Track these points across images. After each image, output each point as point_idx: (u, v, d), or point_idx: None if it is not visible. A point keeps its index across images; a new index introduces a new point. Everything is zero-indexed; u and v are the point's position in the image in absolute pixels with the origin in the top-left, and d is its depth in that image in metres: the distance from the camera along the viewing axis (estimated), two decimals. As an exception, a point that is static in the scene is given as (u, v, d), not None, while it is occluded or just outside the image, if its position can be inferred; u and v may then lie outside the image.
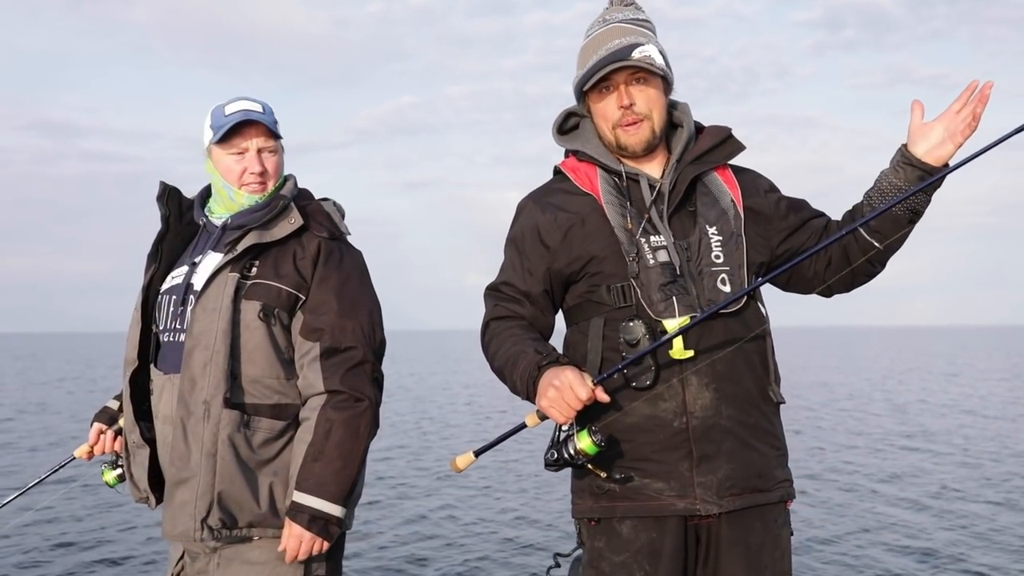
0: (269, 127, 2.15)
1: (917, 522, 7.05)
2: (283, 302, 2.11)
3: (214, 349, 2.04)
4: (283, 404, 2.12)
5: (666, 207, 1.98)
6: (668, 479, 1.91)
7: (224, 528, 2.05)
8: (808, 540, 6.42)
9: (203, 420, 2.03)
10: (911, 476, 9.20)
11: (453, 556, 6.19)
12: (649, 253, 1.93)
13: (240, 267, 2.10)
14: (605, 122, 2.01)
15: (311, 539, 2.06)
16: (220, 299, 2.06)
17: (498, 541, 6.58)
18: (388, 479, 9.21)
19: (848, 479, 9.03)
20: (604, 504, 1.96)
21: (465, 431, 13.69)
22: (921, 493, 8.26)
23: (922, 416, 15.28)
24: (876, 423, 14.27)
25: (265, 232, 2.13)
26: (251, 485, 2.07)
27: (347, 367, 2.11)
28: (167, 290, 2.19)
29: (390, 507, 7.80)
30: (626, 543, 1.94)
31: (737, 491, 1.93)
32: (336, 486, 2.07)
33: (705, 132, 2.08)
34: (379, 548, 6.40)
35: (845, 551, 6.15)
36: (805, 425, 13.74)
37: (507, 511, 7.65)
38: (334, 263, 2.17)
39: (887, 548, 6.26)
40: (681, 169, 2.01)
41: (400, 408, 17.11)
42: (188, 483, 2.04)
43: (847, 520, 7.07)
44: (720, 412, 1.91)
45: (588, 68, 1.97)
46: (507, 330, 2.01)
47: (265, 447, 2.09)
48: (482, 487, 8.79)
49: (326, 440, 2.06)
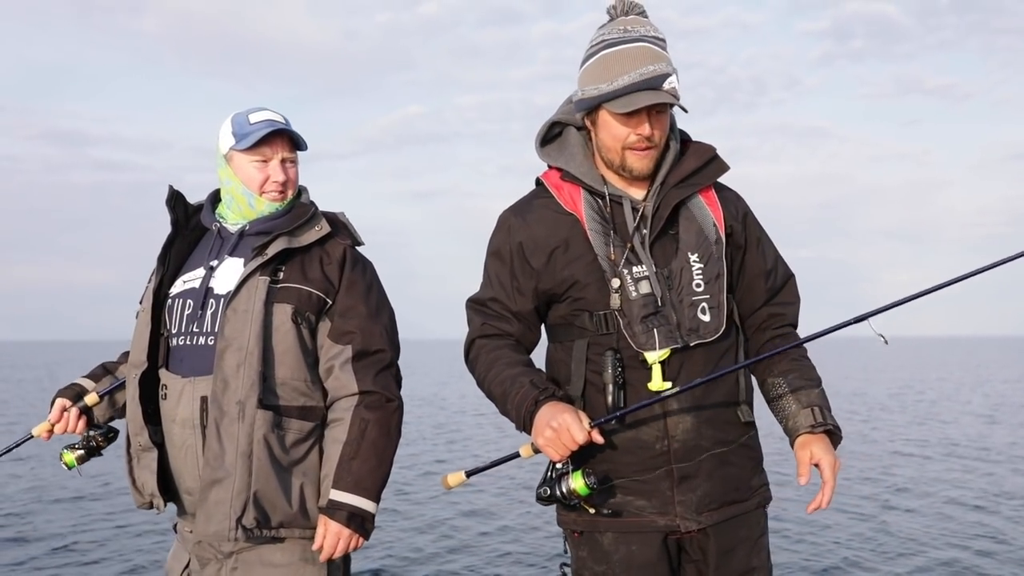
0: (294, 138, 2.21)
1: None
2: (312, 305, 2.16)
3: (248, 351, 2.07)
4: (309, 406, 2.16)
5: (649, 232, 1.97)
6: (650, 497, 1.96)
7: (258, 527, 2.07)
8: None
9: (238, 420, 2.05)
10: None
11: (455, 562, 6.22)
12: (631, 285, 1.94)
13: (269, 271, 2.14)
14: (615, 142, 1.96)
15: (349, 536, 2.09)
16: (252, 302, 2.10)
17: (500, 548, 6.60)
18: (399, 485, 9.21)
19: (954, 493, 8.94)
20: (587, 518, 1.98)
21: (473, 443, 13.64)
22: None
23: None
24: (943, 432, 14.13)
25: (294, 238, 2.18)
26: (284, 485, 2.09)
27: (378, 368, 2.17)
28: (180, 294, 2.20)
29: (394, 513, 7.82)
30: (607, 554, 1.99)
31: (715, 506, 1.98)
32: (372, 483, 2.12)
33: (690, 152, 2.05)
34: (384, 552, 6.41)
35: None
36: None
37: (510, 517, 7.65)
38: (359, 270, 2.23)
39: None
40: (665, 193, 2.00)
41: (417, 416, 17.12)
42: (223, 483, 2.05)
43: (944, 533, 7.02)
44: (701, 434, 1.96)
45: (617, 88, 1.90)
46: (496, 350, 2.03)
47: (296, 447, 2.13)
48: (482, 493, 8.79)
49: (362, 439, 2.11)
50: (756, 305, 2.10)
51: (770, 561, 2.08)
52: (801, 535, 6.86)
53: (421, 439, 13.76)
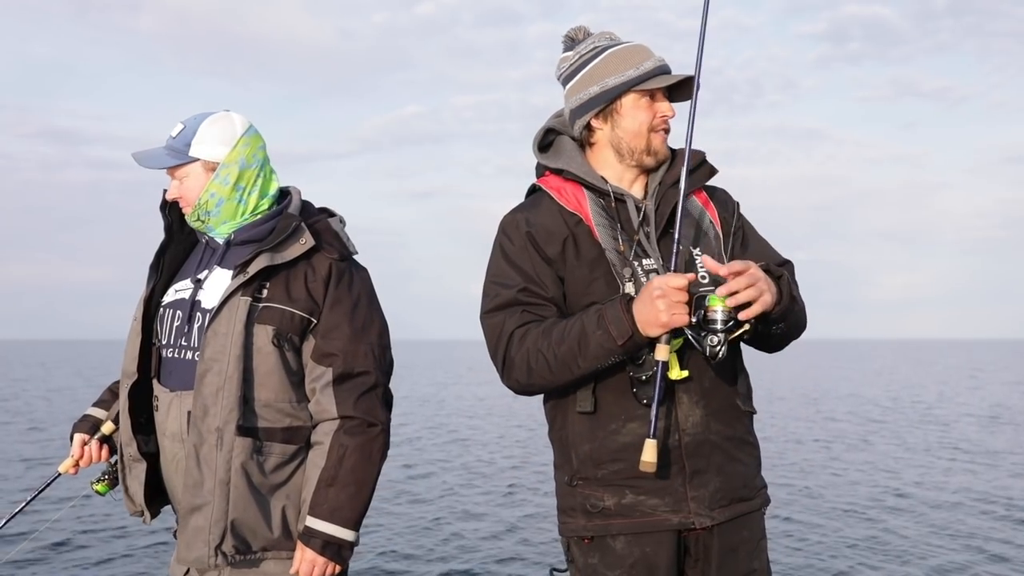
0: (158, 165, 2.17)
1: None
2: (295, 326, 2.11)
3: (227, 375, 2.03)
4: (295, 427, 2.11)
5: (653, 229, 2.00)
6: (663, 495, 1.95)
7: (238, 554, 2.06)
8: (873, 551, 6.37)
9: (216, 448, 2.02)
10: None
11: (447, 567, 6.19)
12: (643, 276, 1.94)
13: (252, 290, 2.09)
14: (641, 125, 2.03)
15: (324, 564, 2.06)
16: (232, 323, 2.05)
17: (493, 554, 6.56)
18: (400, 492, 9.20)
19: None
20: (598, 522, 1.97)
21: (473, 444, 13.63)
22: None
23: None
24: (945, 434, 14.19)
25: (276, 254, 2.11)
26: (264, 510, 2.07)
27: (360, 392, 2.11)
28: (170, 304, 2.17)
29: (392, 515, 7.77)
30: (620, 558, 1.96)
31: (726, 502, 1.99)
32: (350, 511, 2.08)
33: (679, 156, 2.08)
34: (384, 552, 6.39)
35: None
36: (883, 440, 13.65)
37: (501, 523, 7.62)
38: (345, 286, 2.16)
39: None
40: (664, 191, 2.04)
41: (418, 418, 17.11)
42: (202, 510, 2.04)
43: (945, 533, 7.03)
44: (709, 427, 1.97)
45: (647, 71, 2.01)
46: (543, 324, 1.92)
47: (277, 472, 2.09)
48: (477, 498, 8.78)
49: (340, 465, 2.07)
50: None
51: (769, 565, 2.08)
52: (804, 535, 6.86)
53: (418, 439, 13.76)
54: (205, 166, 2.14)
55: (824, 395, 23.78)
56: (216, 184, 2.13)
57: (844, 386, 27.77)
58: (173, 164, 2.15)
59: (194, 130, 2.15)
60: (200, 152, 2.14)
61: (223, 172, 2.14)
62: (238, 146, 2.15)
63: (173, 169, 2.16)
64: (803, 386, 27.49)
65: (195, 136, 2.14)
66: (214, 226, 2.18)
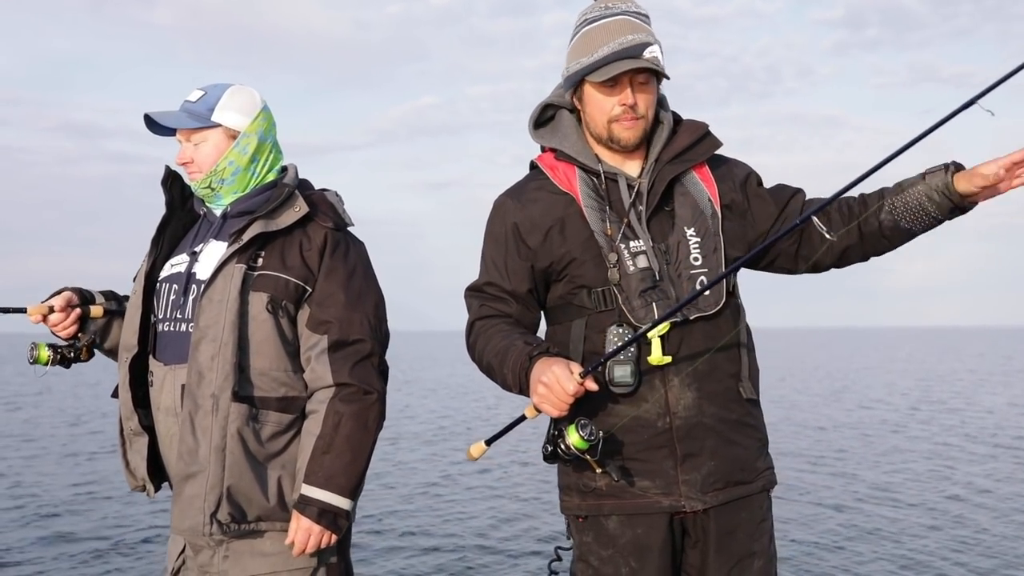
0: (177, 125, 2.14)
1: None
2: (290, 294, 2.10)
3: (222, 341, 2.02)
4: (290, 397, 2.10)
5: (645, 208, 1.98)
6: (653, 477, 1.95)
7: (233, 522, 2.04)
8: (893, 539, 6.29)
9: (211, 414, 2.01)
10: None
11: (455, 546, 6.21)
12: (629, 259, 1.94)
13: (246, 258, 2.08)
14: (601, 115, 1.98)
15: (320, 532, 2.05)
16: (227, 291, 2.04)
17: (500, 533, 6.58)
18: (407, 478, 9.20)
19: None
20: (591, 502, 1.99)
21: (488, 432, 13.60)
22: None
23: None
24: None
25: (270, 221, 2.11)
26: (260, 479, 2.05)
27: (355, 360, 2.10)
28: (166, 278, 2.17)
29: (401, 499, 7.80)
30: (613, 538, 1.97)
31: (720, 486, 1.97)
32: (345, 479, 2.06)
33: (683, 129, 2.06)
34: (387, 538, 6.39)
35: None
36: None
37: (508, 502, 7.63)
38: (340, 255, 2.15)
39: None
40: (660, 168, 2.00)
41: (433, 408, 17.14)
42: (197, 477, 2.02)
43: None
44: (703, 411, 1.95)
45: (597, 59, 1.94)
46: (493, 327, 2.01)
47: (273, 440, 2.08)
48: (484, 479, 8.80)
49: (335, 433, 2.05)
50: (787, 215, 2.05)
51: (773, 546, 2.05)
52: (807, 520, 6.77)
53: (428, 429, 13.78)
54: (226, 133, 2.15)
55: (852, 384, 23.59)
56: (235, 152, 2.14)
57: (874, 375, 27.51)
58: (195, 126, 2.14)
59: (217, 97, 2.15)
60: (223, 119, 2.14)
61: (243, 141, 2.15)
62: (258, 118, 2.17)
63: (189, 133, 2.15)
64: (829, 374, 27.27)
65: (218, 103, 2.15)
66: (223, 195, 2.17)
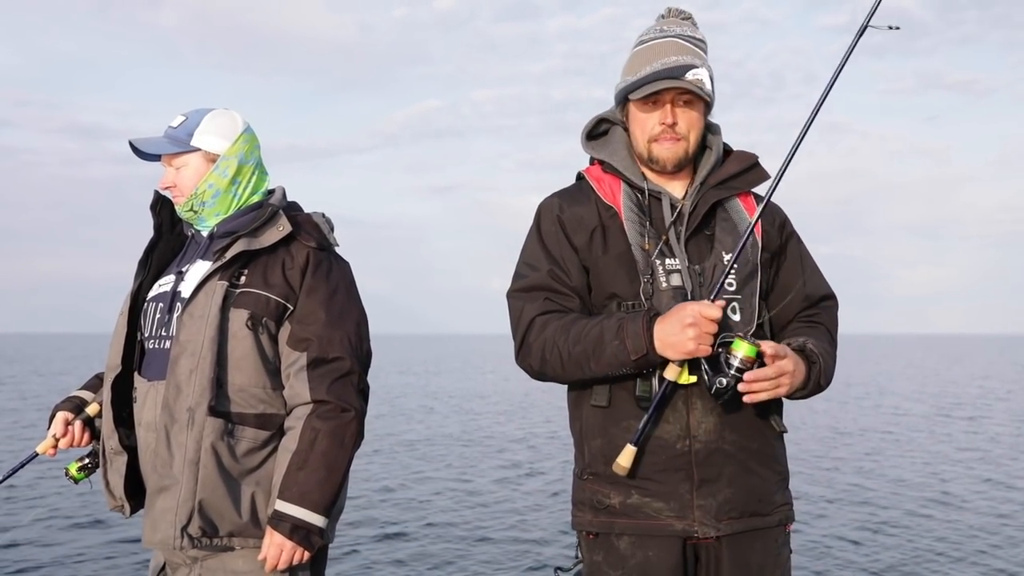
0: (158, 151, 2.19)
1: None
2: (271, 311, 2.12)
3: (200, 356, 2.04)
4: (268, 414, 2.12)
5: (684, 229, 1.98)
6: (668, 500, 1.92)
7: (204, 536, 2.04)
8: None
9: (187, 427, 2.02)
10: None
11: (452, 564, 6.20)
12: (663, 276, 1.93)
13: (229, 275, 2.11)
14: (642, 133, 2.01)
15: (292, 548, 2.05)
16: (208, 307, 2.07)
17: (498, 553, 6.52)
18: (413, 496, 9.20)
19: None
20: (603, 519, 1.97)
21: (497, 440, 13.55)
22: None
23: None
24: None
25: (254, 239, 2.14)
26: (233, 494, 2.06)
27: (334, 377, 2.11)
28: (153, 298, 2.20)
29: (404, 506, 7.82)
30: (623, 559, 1.95)
31: (736, 515, 1.94)
32: (320, 495, 2.07)
33: (732, 157, 2.08)
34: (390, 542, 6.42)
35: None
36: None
37: (507, 522, 7.52)
38: (322, 274, 2.17)
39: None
40: (704, 192, 2.02)
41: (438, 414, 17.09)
42: (170, 490, 2.03)
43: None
44: (723, 437, 1.93)
45: (639, 78, 1.97)
46: (566, 317, 1.95)
47: (249, 456, 2.09)
48: (481, 497, 8.75)
49: (311, 449, 2.06)
50: (790, 316, 2.07)
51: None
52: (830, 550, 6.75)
53: (435, 436, 13.79)
54: (205, 157, 2.19)
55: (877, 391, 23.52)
56: (215, 175, 2.18)
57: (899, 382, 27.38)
58: (174, 151, 2.18)
59: (197, 122, 2.19)
60: (202, 143, 2.18)
61: (223, 164, 2.18)
62: (238, 141, 2.21)
63: (171, 158, 2.19)
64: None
65: (198, 127, 2.19)
66: (206, 217, 2.21)
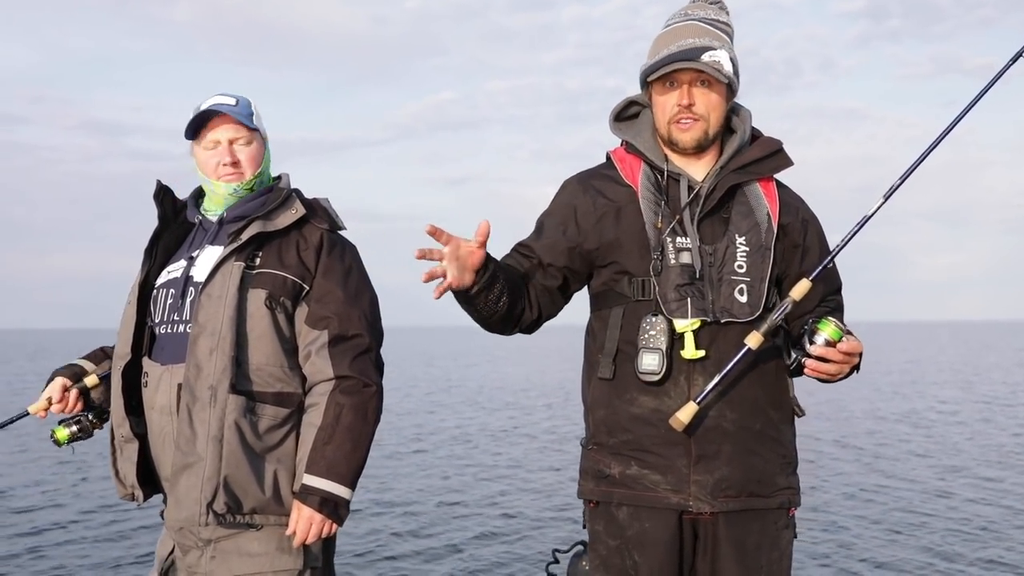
0: (236, 118, 2.18)
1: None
2: (288, 291, 2.15)
3: (220, 335, 2.06)
4: (286, 392, 2.15)
5: (699, 210, 2.01)
6: (666, 473, 1.96)
7: (229, 512, 2.06)
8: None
9: (209, 405, 2.04)
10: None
11: (453, 547, 6.21)
12: (672, 253, 1.97)
13: (244, 256, 2.13)
14: (662, 115, 2.04)
15: (321, 521, 2.08)
16: (226, 286, 2.09)
17: (497, 535, 6.54)
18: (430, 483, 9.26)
19: None
20: (603, 488, 2.02)
21: (513, 433, 13.35)
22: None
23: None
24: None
25: (268, 222, 2.17)
26: (256, 471, 2.08)
27: (355, 353, 2.15)
28: (163, 284, 2.21)
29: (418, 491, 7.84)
30: (621, 529, 2.00)
31: (733, 493, 1.97)
32: (346, 468, 2.10)
33: (757, 142, 2.11)
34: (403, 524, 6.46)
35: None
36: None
37: (506, 504, 7.61)
38: (337, 254, 2.21)
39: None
40: (723, 175, 2.04)
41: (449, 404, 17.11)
42: (194, 468, 2.05)
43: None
44: (724, 415, 1.96)
45: (656, 60, 2.01)
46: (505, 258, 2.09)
47: (270, 434, 2.11)
48: (482, 479, 8.80)
49: (337, 423, 2.09)
50: (808, 308, 2.06)
51: (786, 565, 2.03)
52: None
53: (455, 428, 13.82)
54: (261, 139, 2.26)
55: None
56: (267, 159, 2.28)
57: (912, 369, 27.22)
58: (253, 126, 2.22)
59: (249, 104, 2.24)
60: (260, 125, 2.25)
61: (267, 150, 2.28)
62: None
63: (239, 134, 2.20)
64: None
65: (253, 110, 2.24)
66: (230, 200, 2.23)
